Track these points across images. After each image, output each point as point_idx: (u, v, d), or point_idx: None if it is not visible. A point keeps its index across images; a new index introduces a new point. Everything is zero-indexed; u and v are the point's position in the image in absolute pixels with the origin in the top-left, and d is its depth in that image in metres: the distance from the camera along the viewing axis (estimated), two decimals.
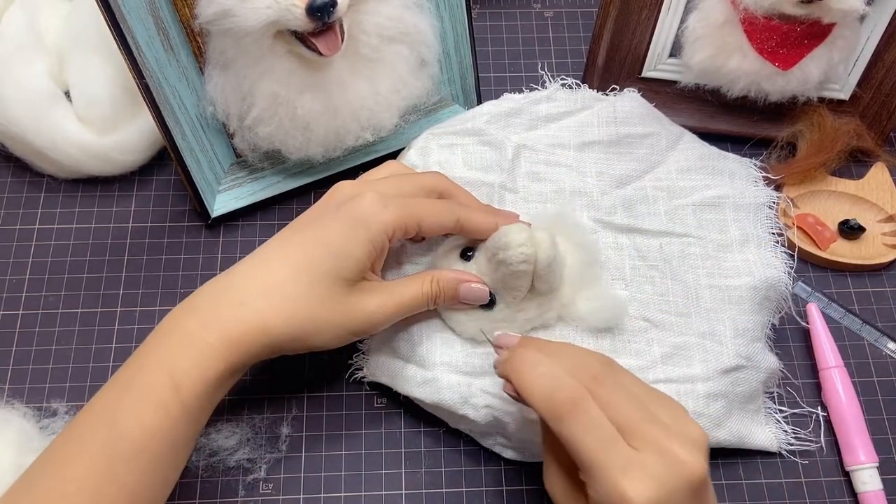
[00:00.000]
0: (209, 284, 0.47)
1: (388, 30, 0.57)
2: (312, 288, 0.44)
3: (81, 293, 0.60)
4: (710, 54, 0.61)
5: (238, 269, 0.47)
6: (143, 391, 0.42)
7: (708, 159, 0.61)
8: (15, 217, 0.63)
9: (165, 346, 0.43)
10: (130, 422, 0.41)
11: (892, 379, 0.58)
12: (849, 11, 0.57)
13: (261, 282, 0.44)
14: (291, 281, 0.44)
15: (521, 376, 0.43)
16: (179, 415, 0.42)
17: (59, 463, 0.42)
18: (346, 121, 0.58)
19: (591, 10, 0.74)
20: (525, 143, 0.59)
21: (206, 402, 0.44)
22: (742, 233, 0.58)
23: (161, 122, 0.56)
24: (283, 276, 0.44)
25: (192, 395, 0.42)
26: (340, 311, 0.46)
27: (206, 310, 0.44)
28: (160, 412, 0.42)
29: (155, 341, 0.44)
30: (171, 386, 0.42)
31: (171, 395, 0.42)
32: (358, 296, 0.46)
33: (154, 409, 0.42)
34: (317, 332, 0.46)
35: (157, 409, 0.42)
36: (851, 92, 0.64)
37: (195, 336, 0.43)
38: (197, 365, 0.42)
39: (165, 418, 0.42)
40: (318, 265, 0.44)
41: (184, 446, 0.43)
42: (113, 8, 0.50)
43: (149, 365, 0.43)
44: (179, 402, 0.42)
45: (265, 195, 0.63)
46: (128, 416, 0.42)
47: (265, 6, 0.50)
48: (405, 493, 0.54)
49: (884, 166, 0.65)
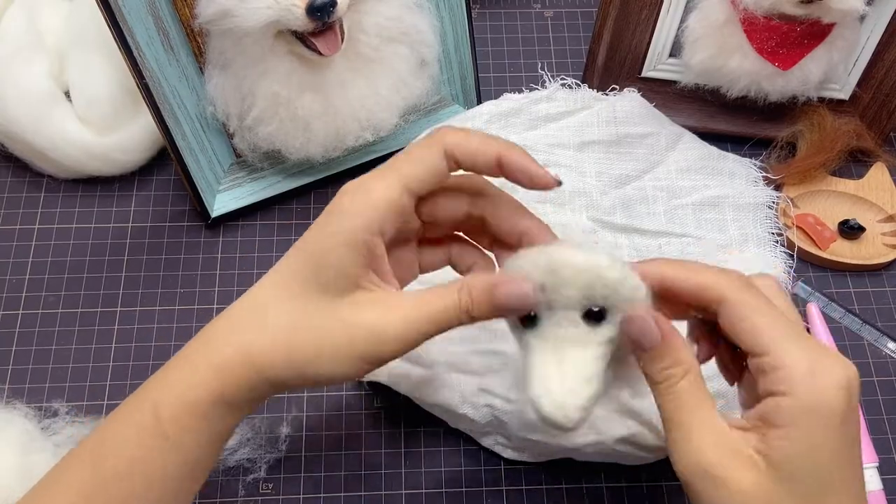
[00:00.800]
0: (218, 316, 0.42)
1: (387, 30, 0.57)
2: (293, 302, 0.38)
3: (81, 293, 0.60)
4: (710, 54, 0.61)
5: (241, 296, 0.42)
6: (127, 418, 0.40)
7: (707, 159, 0.61)
8: (15, 217, 0.63)
9: (159, 375, 0.40)
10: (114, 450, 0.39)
11: (892, 379, 0.58)
12: (849, 11, 0.57)
13: (248, 305, 0.40)
14: (274, 298, 0.39)
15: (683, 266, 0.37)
16: (159, 442, 0.38)
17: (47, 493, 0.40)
18: (346, 121, 0.58)
19: (591, 10, 0.74)
20: (525, 142, 0.59)
21: (192, 431, 0.39)
22: (742, 233, 0.58)
23: (161, 122, 0.56)
24: (267, 295, 0.40)
25: (173, 422, 0.38)
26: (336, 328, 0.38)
27: (202, 339, 0.40)
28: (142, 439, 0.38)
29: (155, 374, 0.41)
30: (153, 414, 0.39)
31: (151, 422, 0.38)
32: (350, 308, 0.38)
33: (136, 435, 0.39)
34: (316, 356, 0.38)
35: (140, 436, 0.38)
36: (851, 92, 0.64)
37: (184, 365, 0.40)
38: (179, 393, 0.39)
39: (147, 446, 0.38)
40: (297, 276, 0.39)
41: (167, 479, 0.39)
42: (113, 8, 0.50)
43: (137, 393, 0.40)
44: (160, 430, 0.38)
45: (265, 195, 0.63)
46: (112, 445, 0.39)
47: (265, 6, 0.50)
48: (405, 493, 0.54)
49: (883, 166, 0.65)
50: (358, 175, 0.39)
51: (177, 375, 0.39)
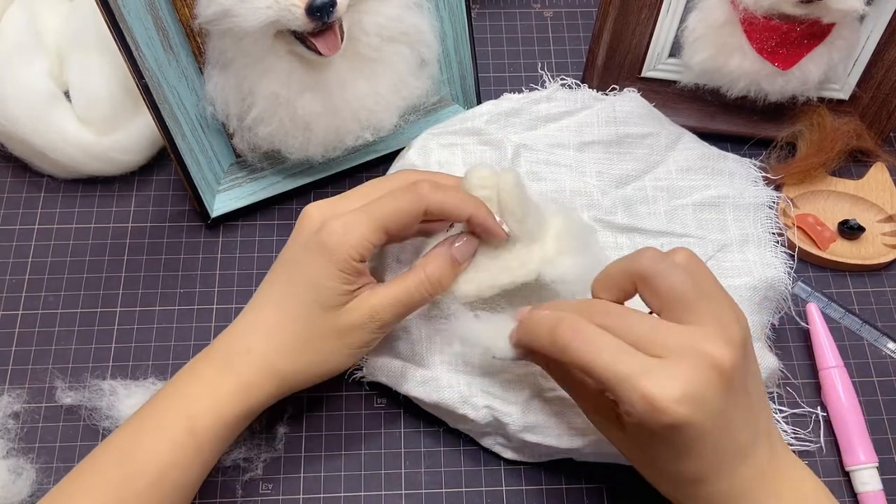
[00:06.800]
0: (222, 335, 0.49)
1: (387, 30, 0.56)
2: (303, 322, 0.47)
3: (81, 293, 0.60)
4: (709, 54, 0.61)
5: (243, 318, 0.50)
6: (160, 431, 0.45)
7: (708, 159, 0.61)
8: (15, 217, 0.63)
9: (184, 392, 0.47)
10: (145, 459, 0.44)
11: (892, 379, 0.58)
12: (848, 11, 0.57)
13: (261, 327, 0.48)
14: (284, 321, 0.48)
15: (523, 327, 0.45)
16: (193, 455, 0.45)
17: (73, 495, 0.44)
18: (346, 121, 0.58)
19: (591, 10, 0.74)
20: (525, 142, 0.59)
21: (220, 443, 0.47)
22: (742, 233, 0.58)
23: (161, 122, 0.56)
24: (277, 319, 0.48)
25: (207, 436, 0.45)
26: (335, 333, 0.48)
27: (220, 359, 0.48)
28: (175, 451, 0.44)
29: (173, 388, 0.47)
30: (188, 428, 0.45)
31: (186, 436, 0.45)
32: (347, 314, 0.48)
33: (169, 447, 0.44)
34: (320, 361, 0.48)
35: (173, 448, 0.44)
36: (851, 92, 0.64)
37: (212, 383, 0.46)
38: (213, 409, 0.46)
39: (180, 457, 0.45)
40: (301, 300, 0.47)
41: (193, 485, 0.46)
42: (112, 8, 0.50)
43: (167, 406, 0.46)
44: (195, 443, 0.45)
45: (265, 195, 0.63)
46: (143, 454, 0.44)
47: (265, 6, 0.50)
48: (405, 493, 0.54)
49: (883, 166, 0.65)
50: (358, 175, 0.40)
51: (206, 397, 0.46)
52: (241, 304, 0.59)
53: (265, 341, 0.47)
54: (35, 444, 0.54)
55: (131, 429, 0.46)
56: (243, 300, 0.60)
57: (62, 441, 0.55)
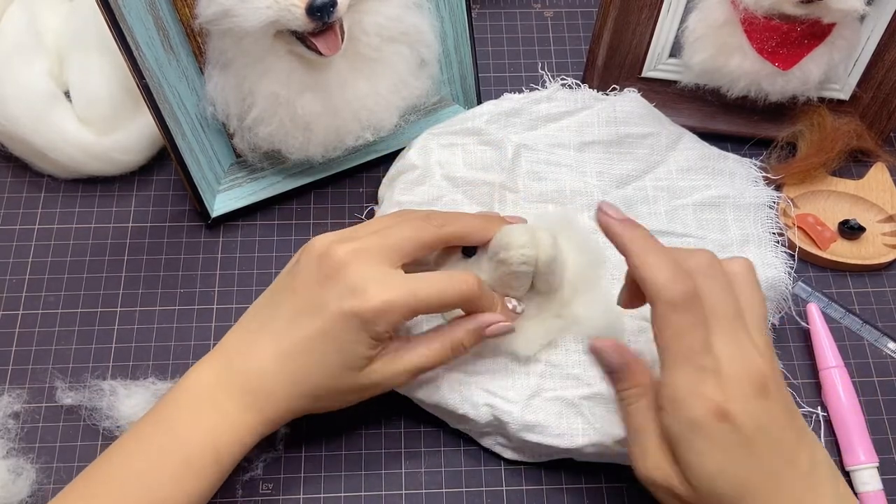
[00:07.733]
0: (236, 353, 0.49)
1: (388, 30, 0.56)
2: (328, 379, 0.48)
3: (81, 293, 0.60)
4: (710, 54, 0.61)
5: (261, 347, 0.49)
6: (187, 463, 0.46)
7: (708, 159, 0.61)
8: (15, 217, 0.63)
9: (207, 424, 0.47)
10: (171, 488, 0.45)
11: (892, 379, 0.58)
12: (849, 11, 0.57)
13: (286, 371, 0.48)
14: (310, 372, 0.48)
15: (646, 253, 0.44)
16: (217, 480, 0.47)
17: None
18: (346, 121, 0.58)
19: (591, 10, 0.74)
20: (525, 142, 0.59)
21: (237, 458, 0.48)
22: (742, 233, 0.58)
23: (161, 122, 0.56)
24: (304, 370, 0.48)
25: (230, 461, 0.47)
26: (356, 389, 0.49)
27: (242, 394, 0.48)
28: (202, 481, 0.46)
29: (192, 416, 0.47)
30: (215, 459, 0.46)
31: (213, 466, 0.46)
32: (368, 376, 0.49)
33: (196, 477, 0.46)
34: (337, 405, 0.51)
35: (199, 478, 0.46)
36: (851, 92, 0.64)
37: (235, 420, 0.47)
38: (239, 441, 0.47)
39: (206, 485, 0.46)
40: (331, 359, 0.48)
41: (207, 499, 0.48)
42: (112, 8, 0.50)
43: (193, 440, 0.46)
44: (219, 471, 0.47)
45: (265, 195, 0.63)
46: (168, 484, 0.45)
47: (265, 6, 0.50)
48: (405, 493, 0.54)
49: (883, 166, 0.65)
50: (358, 175, 0.39)
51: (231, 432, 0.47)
52: (241, 304, 0.59)
53: (290, 387, 0.48)
54: (35, 444, 0.54)
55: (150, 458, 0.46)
56: (243, 300, 0.60)
57: (62, 441, 0.55)
